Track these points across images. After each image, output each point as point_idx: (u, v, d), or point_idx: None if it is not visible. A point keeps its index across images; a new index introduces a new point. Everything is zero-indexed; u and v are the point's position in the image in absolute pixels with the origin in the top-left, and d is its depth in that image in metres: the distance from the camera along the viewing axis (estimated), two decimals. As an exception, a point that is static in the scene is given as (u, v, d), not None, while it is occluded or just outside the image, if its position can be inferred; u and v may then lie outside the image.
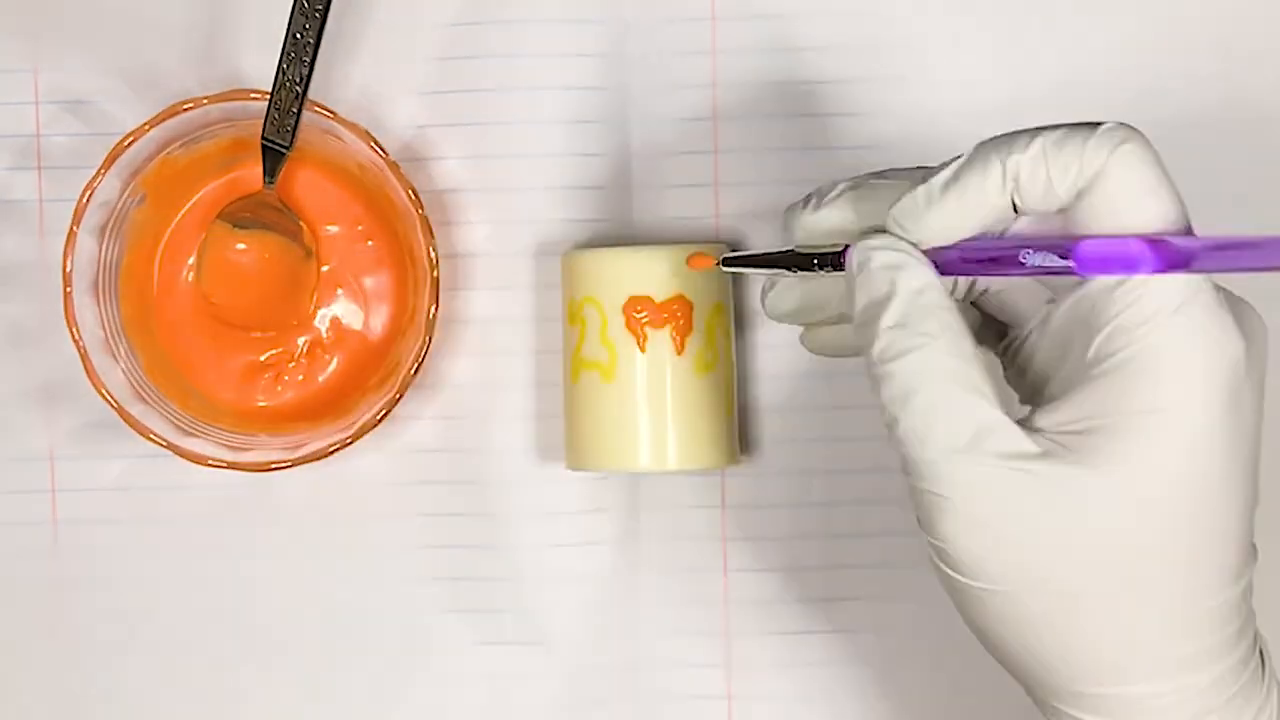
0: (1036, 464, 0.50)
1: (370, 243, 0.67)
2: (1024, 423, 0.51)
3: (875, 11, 0.68)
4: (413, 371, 0.64)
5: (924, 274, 0.52)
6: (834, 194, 0.55)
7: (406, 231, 0.66)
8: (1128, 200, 0.50)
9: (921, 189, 0.52)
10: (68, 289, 0.63)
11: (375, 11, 0.68)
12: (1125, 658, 0.51)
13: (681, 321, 0.63)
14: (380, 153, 0.64)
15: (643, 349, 0.63)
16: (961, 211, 0.52)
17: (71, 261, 0.63)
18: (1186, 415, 0.49)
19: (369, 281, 0.67)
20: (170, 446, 0.63)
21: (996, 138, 0.52)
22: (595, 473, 0.67)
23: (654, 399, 0.63)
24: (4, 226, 0.68)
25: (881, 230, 0.53)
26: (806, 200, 0.56)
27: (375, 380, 0.67)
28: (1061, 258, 0.49)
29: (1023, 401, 0.54)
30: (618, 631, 0.68)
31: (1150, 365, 0.49)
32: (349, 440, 0.64)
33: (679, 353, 0.63)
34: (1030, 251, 0.50)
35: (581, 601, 0.68)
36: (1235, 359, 0.50)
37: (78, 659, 0.68)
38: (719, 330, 0.65)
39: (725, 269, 0.60)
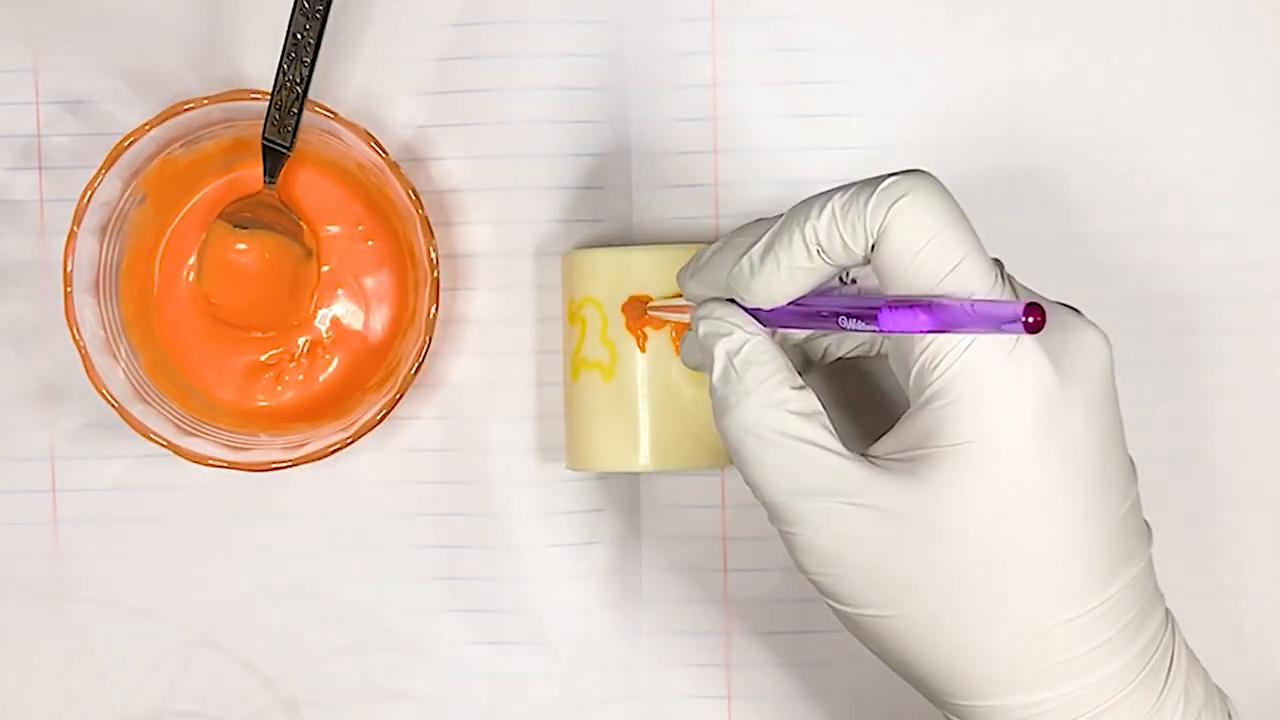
0: (864, 496, 0.51)
1: (370, 243, 0.67)
2: (868, 451, 0.53)
3: (875, 11, 0.68)
4: (413, 371, 0.64)
5: (738, 336, 0.54)
6: (705, 258, 0.58)
7: (406, 231, 0.66)
8: (910, 253, 0.51)
9: (745, 259, 0.54)
10: (68, 289, 0.63)
11: (375, 12, 0.68)
12: (992, 673, 0.52)
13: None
14: (380, 153, 0.64)
15: (643, 349, 0.63)
16: (779, 278, 0.54)
17: (72, 261, 0.63)
18: (992, 443, 0.50)
19: (369, 281, 0.67)
20: (170, 446, 0.63)
21: (799, 205, 0.53)
22: (595, 473, 0.67)
23: (654, 399, 0.63)
24: (4, 226, 0.68)
25: None
26: (686, 267, 0.59)
27: (375, 380, 0.67)
28: (867, 322, 0.51)
29: None
30: (618, 631, 0.68)
31: (952, 399, 0.51)
32: (349, 440, 0.64)
33: (679, 353, 0.63)
34: (845, 317, 0.52)
35: (581, 601, 0.68)
36: (1041, 383, 0.51)
37: (78, 659, 0.68)
38: (719, 330, 0.65)
39: (652, 314, 0.62)
